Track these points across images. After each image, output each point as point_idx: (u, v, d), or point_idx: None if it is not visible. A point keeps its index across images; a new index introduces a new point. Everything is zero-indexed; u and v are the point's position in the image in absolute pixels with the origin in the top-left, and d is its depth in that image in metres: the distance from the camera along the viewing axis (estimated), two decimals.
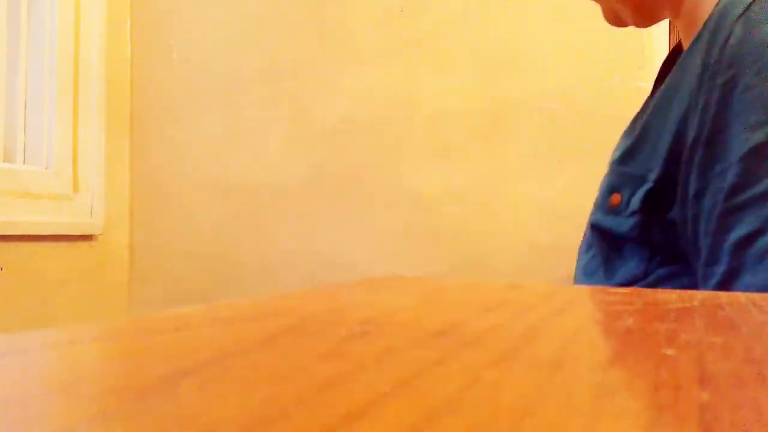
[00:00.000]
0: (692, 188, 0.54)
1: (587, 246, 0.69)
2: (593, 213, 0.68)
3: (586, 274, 0.67)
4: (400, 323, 0.28)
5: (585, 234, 0.71)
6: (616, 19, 0.75)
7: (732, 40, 0.52)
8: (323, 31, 1.60)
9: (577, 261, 0.71)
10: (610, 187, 0.66)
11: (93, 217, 1.56)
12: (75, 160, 1.52)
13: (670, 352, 0.23)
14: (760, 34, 0.51)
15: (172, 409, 0.15)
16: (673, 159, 0.57)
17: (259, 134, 1.66)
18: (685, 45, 0.65)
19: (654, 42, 1.35)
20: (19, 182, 1.38)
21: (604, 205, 0.65)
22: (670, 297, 0.42)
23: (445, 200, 1.49)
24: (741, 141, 0.51)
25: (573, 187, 1.38)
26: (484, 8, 1.46)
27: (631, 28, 1.37)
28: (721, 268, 0.52)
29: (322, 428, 0.14)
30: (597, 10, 1.43)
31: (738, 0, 0.54)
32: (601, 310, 0.35)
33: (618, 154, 0.67)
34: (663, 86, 0.62)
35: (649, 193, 0.60)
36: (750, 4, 0.53)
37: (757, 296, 0.43)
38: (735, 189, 0.51)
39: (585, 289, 0.45)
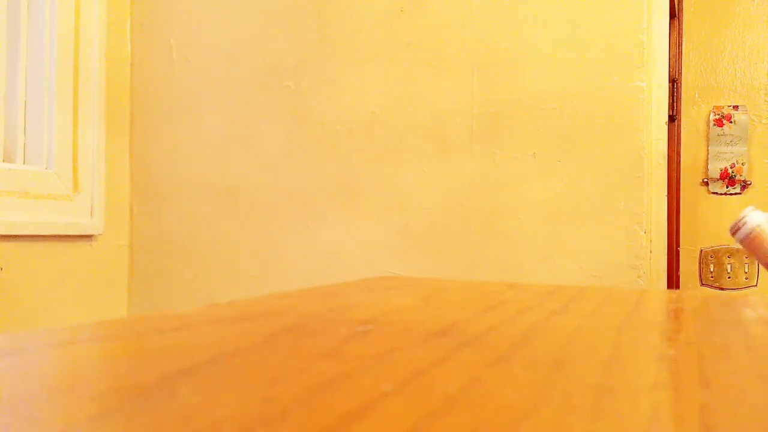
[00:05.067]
0: None
1: None
2: None
3: None
4: (400, 323, 0.28)
5: None
6: None
7: None
8: (323, 31, 1.60)
9: None
10: None
11: (93, 217, 1.56)
12: (75, 160, 1.52)
13: (670, 352, 0.23)
14: None
15: (172, 409, 0.15)
16: None
17: (259, 134, 1.66)
18: None
19: (654, 42, 1.35)
20: (19, 182, 1.38)
21: None
22: (670, 297, 0.42)
23: (445, 200, 1.49)
24: None
25: (573, 187, 1.38)
26: (484, 8, 1.46)
27: (630, 28, 1.37)
28: None
29: (322, 428, 0.14)
30: (597, 9, 1.43)
31: None
32: (601, 310, 0.35)
33: None
34: None
35: None
36: None
37: (756, 296, 0.43)
38: None
39: (584, 289, 0.45)
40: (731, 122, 2.54)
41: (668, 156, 1.42)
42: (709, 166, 2.55)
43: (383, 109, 1.54)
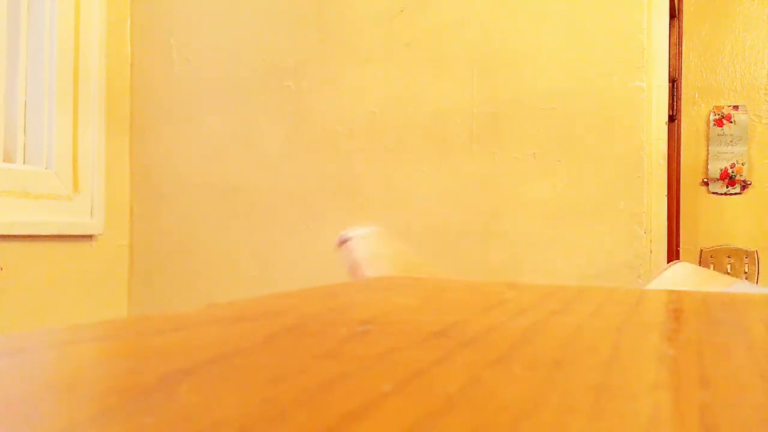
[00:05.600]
0: None
1: None
2: None
3: None
4: (400, 323, 0.28)
5: None
6: None
7: None
8: (323, 31, 1.60)
9: None
10: None
11: (93, 217, 1.56)
12: (75, 160, 1.52)
13: (670, 352, 0.23)
14: None
15: (172, 409, 0.15)
16: None
17: (259, 134, 1.66)
18: None
19: (654, 42, 1.35)
20: (19, 182, 1.38)
21: None
22: (670, 297, 0.42)
23: (445, 200, 1.49)
24: None
25: (573, 187, 1.38)
26: (484, 8, 1.47)
27: (630, 28, 1.37)
28: None
29: (322, 428, 0.14)
30: (597, 9, 1.43)
31: None
32: (601, 309, 0.35)
33: None
34: None
35: None
36: None
37: (757, 296, 0.43)
38: None
39: (584, 289, 0.45)
40: (731, 122, 2.54)
41: (668, 156, 1.42)
42: (709, 166, 2.56)
43: (383, 109, 1.54)
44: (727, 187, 2.55)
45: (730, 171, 2.54)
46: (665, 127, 1.39)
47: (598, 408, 0.16)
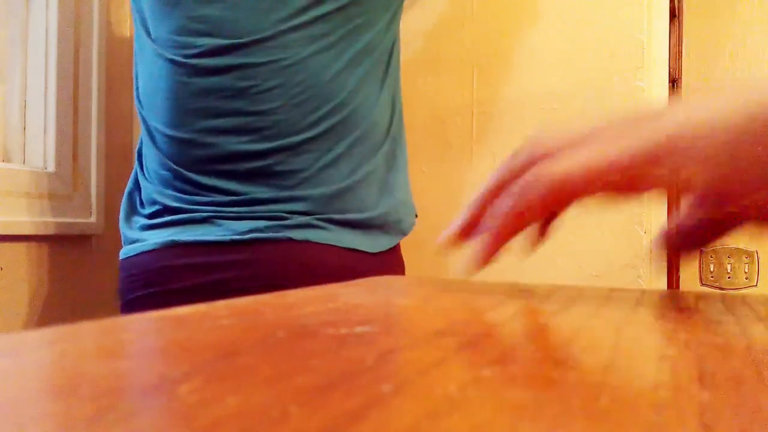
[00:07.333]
0: None
1: None
2: None
3: None
4: (400, 323, 0.28)
5: None
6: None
7: None
8: None
9: None
10: None
11: (93, 217, 1.56)
12: (75, 160, 1.52)
13: (670, 352, 0.23)
14: None
15: (172, 409, 0.15)
16: None
17: None
18: None
19: (654, 42, 1.35)
20: (19, 182, 1.38)
21: None
22: (670, 297, 0.42)
23: (445, 200, 1.49)
24: None
25: None
26: (484, 8, 1.46)
27: (630, 28, 1.37)
28: None
29: (322, 428, 0.14)
30: (597, 10, 1.43)
31: None
32: (601, 310, 0.35)
33: None
34: None
35: None
36: None
37: (757, 296, 0.43)
38: None
39: (584, 290, 0.45)
40: None
41: None
42: None
43: None
44: None
45: None
46: None
47: (598, 408, 0.16)
